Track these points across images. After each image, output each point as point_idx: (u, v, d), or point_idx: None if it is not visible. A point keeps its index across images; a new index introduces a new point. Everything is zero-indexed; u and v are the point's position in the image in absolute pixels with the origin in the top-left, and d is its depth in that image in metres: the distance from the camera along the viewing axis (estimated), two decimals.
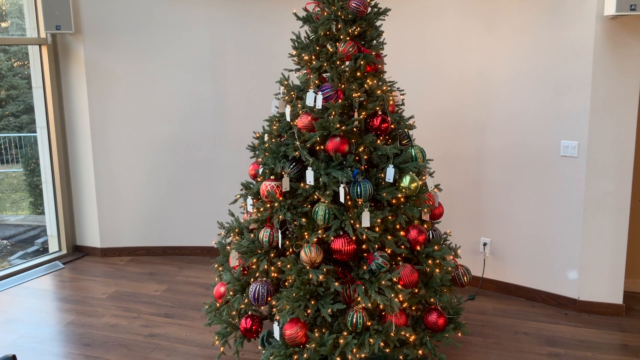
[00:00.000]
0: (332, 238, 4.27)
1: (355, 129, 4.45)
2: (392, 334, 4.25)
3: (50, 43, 7.34)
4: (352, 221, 4.23)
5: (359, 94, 4.41)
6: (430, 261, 4.52)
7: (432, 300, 4.56)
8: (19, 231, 12.41)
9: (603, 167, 5.79)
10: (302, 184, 4.46)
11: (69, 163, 7.83)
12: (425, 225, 4.75)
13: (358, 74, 4.48)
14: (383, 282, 4.16)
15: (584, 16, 5.63)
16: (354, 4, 4.45)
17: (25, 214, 13.35)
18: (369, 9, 4.63)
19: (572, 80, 5.80)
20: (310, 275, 4.21)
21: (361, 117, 4.45)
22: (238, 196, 4.93)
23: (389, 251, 4.39)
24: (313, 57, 4.60)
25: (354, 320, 4.18)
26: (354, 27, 4.51)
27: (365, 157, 4.45)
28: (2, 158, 14.27)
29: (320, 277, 4.19)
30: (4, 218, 13.04)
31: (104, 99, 7.48)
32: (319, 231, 4.30)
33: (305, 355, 4.21)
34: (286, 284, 4.41)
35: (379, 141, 4.49)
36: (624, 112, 5.64)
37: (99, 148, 7.60)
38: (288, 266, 4.33)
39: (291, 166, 4.48)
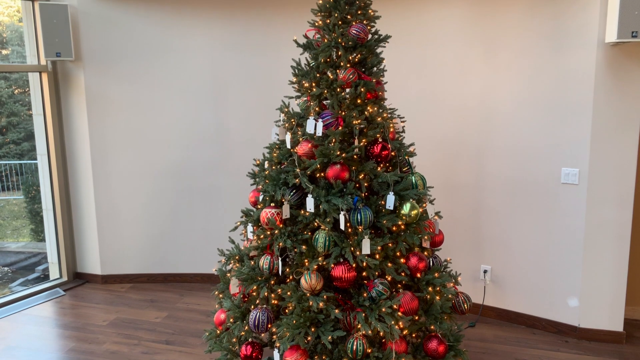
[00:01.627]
0: (333, 265, 4.26)
1: (355, 156, 4.46)
2: None
3: (50, 70, 7.37)
4: (352, 248, 4.23)
5: (359, 121, 4.42)
6: (430, 288, 4.52)
7: (432, 327, 4.55)
8: (19, 258, 12.40)
9: (604, 194, 5.79)
10: (302, 211, 4.46)
11: (70, 190, 7.84)
12: (425, 253, 4.74)
13: (358, 101, 4.49)
14: (383, 310, 4.15)
15: (585, 43, 5.65)
16: (354, 31, 4.47)
17: (26, 241, 13.34)
18: (370, 36, 4.66)
19: (573, 107, 5.81)
20: (311, 303, 4.20)
21: (361, 144, 4.45)
22: (238, 223, 4.93)
23: (389, 278, 4.39)
24: (313, 84, 4.61)
25: (354, 347, 4.17)
26: (355, 54, 4.52)
27: (365, 184, 4.45)
28: (3, 185, 14.28)
29: (321, 304, 4.18)
30: (5, 245, 13.02)
31: (104, 125, 7.50)
32: (319, 258, 4.30)
33: None
34: (286, 311, 4.40)
35: (379, 168, 4.49)
36: (625, 139, 5.64)
37: (100, 175, 7.62)
38: (288, 293, 4.32)
39: (291, 193, 4.49)
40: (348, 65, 4.51)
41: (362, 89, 4.45)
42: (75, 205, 7.86)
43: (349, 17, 4.57)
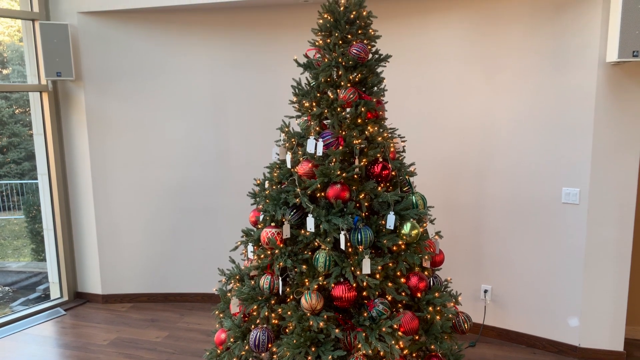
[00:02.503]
0: (333, 285, 4.26)
1: (356, 176, 4.47)
2: None
3: (51, 90, 7.39)
4: (352, 268, 4.23)
5: (359, 140, 4.42)
6: (431, 308, 4.51)
7: (432, 347, 4.54)
8: (20, 278, 12.40)
9: (604, 214, 5.79)
10: (302, 231, 4.46)
11: (70, 210, 7.84)
12: (426, 272, 4.74)
13: (359, 120, 4.50)
14: (384, 329, 4.14)
15: (586, 62, 5.66)
16: (354, 51, 4.49)
17: (27, 260, 13.34)
18: (370, 56, 4.67)
19: (573, 126, 5.82)
20: (311, 322, 4.19)
21: (362, 164, 4.46)
22: (239, 243, 4.94)
23: (389, 298, 4.38)
24: (314, 104, 4.62)
25: None
26: (355, 74, 4.54)
27: (366, 204, 4.45)
28: (4, 205, 14.30)
29: (321, 323, 4.17)
30: (6, 265, 13.02)
31: (104, 145, 7.51)
32: (320, 278, 4.30)
33: None
34: (287, 330, 4.40)
35: (379, 188, 4.50)
36: (626, 158, 5.65)
37: (100, 194, 7.63)
38: (289, 313, 4.32)
39: (292, 213, 4.49)
40: (348, 84, 4.52)
41: (363, 109, 4.46)
42: (75, 225, 7.87)
43: (349, 36, 4.59)
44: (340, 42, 4.58)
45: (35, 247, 13.23)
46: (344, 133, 4.47)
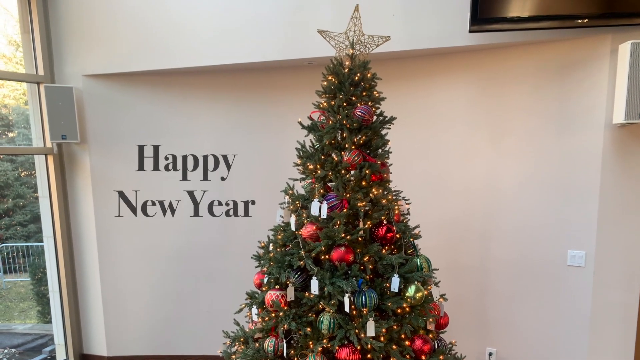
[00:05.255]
0: (337, 347, 4.24)
1: (360, 239, 4.47)
2: None
3: (56, 152, 7.41)
4: (357, 331, 4.21)
5: (364, 203, 4.43)
6: None
7: None
8: (26, 340, 12.35)
9: (611, 277, 5.76)
10: (306, 294, 4.45)
11: (76, 272, 7.83)
12: (430, 335, 4.71)
13: (363, 183, 4.52)
14: None
15: (592, 124, 5.66)
16: (359, 113, 4.51)
17: (33, 322, 13.30)
18: (375, 118, 4.70)
19: (579, 188, 5.81)
20: None
21: (366, 226, 4.46)
22: (243, 305, 4.93)
23: None
24: (318, 166, 4.64)
25: None
26: (360, 136, 4.56)
27: (370, 266, 4.45)
28: (10, 267, 14.30)
29: None
30: (12, 327, 12.99)
31: (109, 208, 7.52)
32: (324, 340, 4.28)
33: None
34: None
35: (384, 250, 4.49)
36: (633, 221, 5.63)
37: (105, 257, 7.62)
38: None
39: (296, 275, 4.49)
40: (353, 147, 4.54)
41: (367, 171, 4.47)
42: (81, 287, 7.85)
43: (353, 98, 4.62)
44: (345, 104, 4.61)
45: (41, 309, 13.19)
46: (348, 195, 4.48)
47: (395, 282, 4.37)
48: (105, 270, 7.64)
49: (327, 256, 4.45)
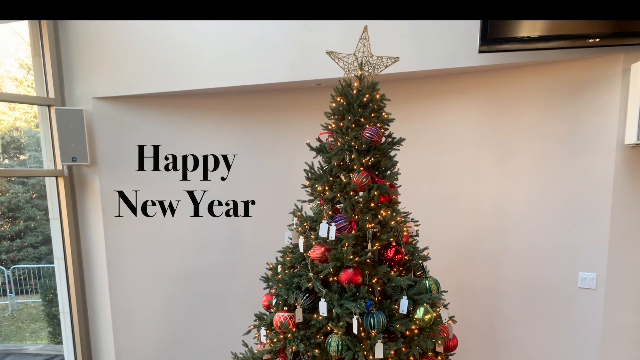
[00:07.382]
0: None
1: (368, 260, 4.45)
2: None
3: (66, 175, 7.43)
4: (365, 352, 4.19)
5: (372, 224, 4.42)
6: None
7: None
8: None
9: (622, 299, 5.72)
10: (315, 315, 4.44)
11: (86, 293, 7.83)
12: (439, 357, 4.69)
13: (372, 204, 4.51)
14: None
15: (604, 145, 5.62)
16: (367, 134, 4.51)
17: (44, 343, 13.34)
18: (383, 139, 4.69)
19: (590, 210, 5.77)
20: None
21: (375, 248, 4.45)
22: (252, 327, 4.92)
23: None
24: (326, 188, 4.63)
25: None
26: (368, 158, 4.55)
27: (378, 288, 4.43)
28: (22, 289, 14.37)
29: None
30: (23, 347, 13.04)
31: (119, 229, 7.52)
32: None
33: None
34: None
35: (392, 272, 4.48)
36: None
37: (115, 278, 7.61)
38: None
39: (304, 297, 4.47)
40: (361, 168, 4.54)
41: (376, 193, 4.47)
42: (91, 308, 7.84)
43: (362, 119, 4.62)
44: (353, 125, 4.61)
45: (52, 330, 13.22)
46: (356, 217, 4.48)
47: (403, 304, 4.35)
48: (115, 291, 7.64)
49: (335, 278, 4.44)
